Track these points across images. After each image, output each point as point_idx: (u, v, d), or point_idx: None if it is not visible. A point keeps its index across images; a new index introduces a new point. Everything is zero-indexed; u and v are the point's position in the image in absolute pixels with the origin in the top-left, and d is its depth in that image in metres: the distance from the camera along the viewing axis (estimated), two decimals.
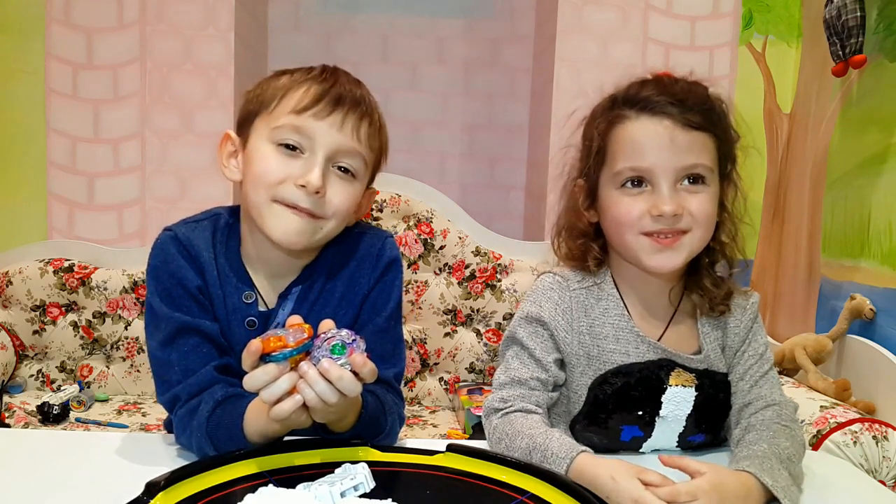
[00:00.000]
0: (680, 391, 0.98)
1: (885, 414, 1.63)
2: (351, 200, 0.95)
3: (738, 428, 0.98)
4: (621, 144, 0.96)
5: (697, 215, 0.94)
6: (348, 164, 0.94)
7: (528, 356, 1.00)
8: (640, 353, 0.99)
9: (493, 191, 2.65)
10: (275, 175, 0.91)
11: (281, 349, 0.77)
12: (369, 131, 0.95)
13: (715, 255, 1.02)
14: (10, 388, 2.09)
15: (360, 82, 0.99)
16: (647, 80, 1.00)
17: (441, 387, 2.21)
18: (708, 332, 1.02)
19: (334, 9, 2.61)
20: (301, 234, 0.93)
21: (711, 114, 0.97)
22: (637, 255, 0.96)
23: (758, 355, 1.02)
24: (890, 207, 1.79)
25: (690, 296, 1.03)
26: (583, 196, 1.02)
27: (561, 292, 1.02)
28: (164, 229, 1.01)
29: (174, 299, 0.96)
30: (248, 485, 0.78)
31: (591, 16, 2.27)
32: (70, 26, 2.23)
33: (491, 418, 0.98)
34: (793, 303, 2.24)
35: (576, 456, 0.84)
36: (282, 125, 0.92)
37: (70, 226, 2.28)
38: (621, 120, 0.97)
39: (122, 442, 0.96)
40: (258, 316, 0.99)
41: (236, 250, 1.00)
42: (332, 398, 0.78)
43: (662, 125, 0.94)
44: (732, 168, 1.02)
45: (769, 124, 2.37)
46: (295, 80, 0.95)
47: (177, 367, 0.94)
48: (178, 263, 0.96)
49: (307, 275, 1.00)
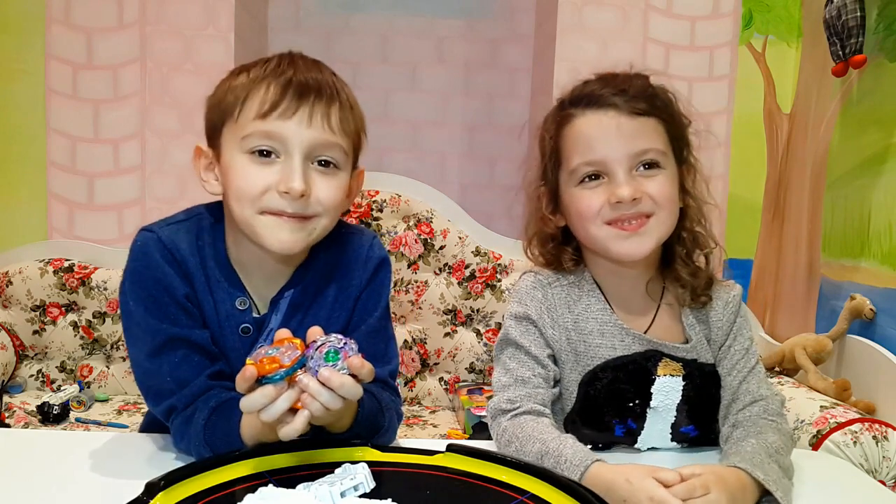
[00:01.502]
0: (668, 381, 0.99)
1: (885, 414, 1.63)
2: (338, 193, 0.93)
3: (727, 425, 0.99)
4: (572, 142, 0.99)
5: (658, 197, 0.95)
6: (327, 157, 0.91)
7: (524, 354, 1.00)
8: (627, 346, 1.00)
9: (493, 191, 2.65)
10: (256, 187, 0.88)
11: (276, 370, 0.75)
12: (340, 116, 0.91)
13: (687, 244, 1.02)
14: (10, 388, 2.10)
15: (320, 63, 0.95)
16: (589, 79, 1.03)
17: (441, 387, 2.21)
18: (693, 323, 1.03)
19: (334, 9, 2.60)
20: (295, 239, 0.91)
21: (655, 99, 0.99)
22: (604, 245, 0.97)
23: (744, 350, 1.03)
24: (890, 207, 1.79)
25: (671, 288, 1.03)
26: (546, 201, 1.04)
27: (543, 290, 1.03)
28: (142, 229, 0.95)
29: (160, 307, 0.92)
30: (248, 485, 0.77)
31: (591, 16, 2.27)
32: (70, 26, 2.23)
33: (499, 420, 0.97)
34: (793, 303, 2.24)
35: (591, 465, 0.84)
36: (250, 133, 0.89)
37: (70, 226, 2.28)
38: (569, 119, 1.00)
39: (122, 442, 0.96)
40: (252, 322, 0.97)
41: (224, 254, 0.97)
42: (337, 405, 0.77)
43: (608, 116, 0.96)
44: (689, 152, 1.03)
45: (769, 124, 2.37)
46: (253, 79, 0.91)
47: (169, 378, 0.91)
48: (163, 270, 0.92)
49: (298, 279, 0.98)
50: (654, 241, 0.97)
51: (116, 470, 0.88)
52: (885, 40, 1.84)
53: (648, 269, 1.03)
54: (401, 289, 2.19)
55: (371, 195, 2.19)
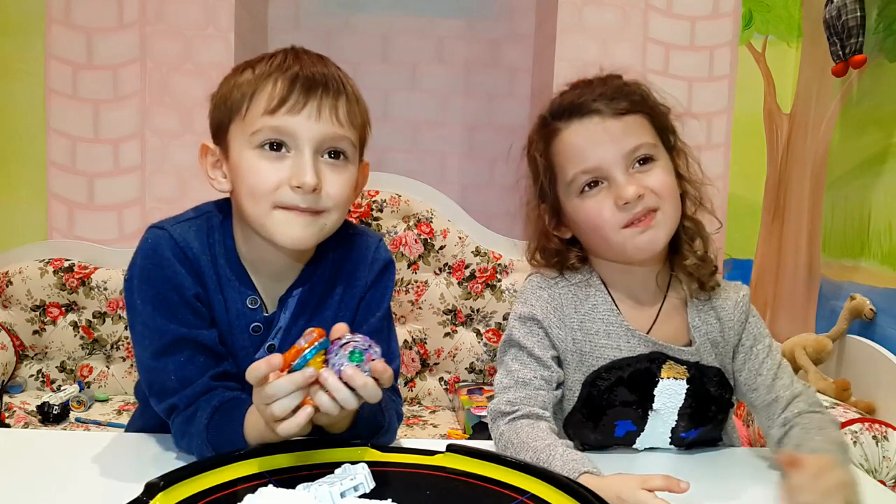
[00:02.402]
0: (672, 384, 0.99)
1: (885, 414, 1.63)
2: (348, 186, 0.93)
3: (776, 426, 1.00)
4: (564, 155, 0.99)
5: (659, 189, 0.96)
6: (338, 149, 0.92)
7: (527, 356, 1.00)
8: (632, 348, 0.99)
9: (493, 191, 2.65)
10: (268, 183, 0.88)
11: (298, 355, 0.76)
12: (347, 108, 0.92)
13: (690, 230, 1.03)
14: (10, 388, 2.10)
15: (324, 57, 0.95)
16: (564, 90, 1.03)
17: (441, 387, 2.21)
18: (698, 325, 1.02)
19: (334, 9, 2.61)
20: (307, 234, 0.91)
21: (633, 95, 0.99)
22: (622, 247, 0.97)
23: (767, 348, 1.04)
24: (890, 207, 1.79)
25: (678, 279, 1.04)
26: (548, 217, 1.04)
27: (550, 290, 1.02)
28: (151, 227, 0.95)
29: (169, 307, 0.91)
30: (248, 485, 0.77)
31: (591, 16, 2.27)
32: (70, 26, 2.23)
33: (498, 423, 0.97)
34: (793, 303, 2.24)
35: (577, 477, 0.83)
36: (259, 129, 0.89)
37: (70, 226, 2.28)
38: (556, 133, 1.00)
39: (122, 442, 0.96)
40: (262, 321, 0.97)
41: (235, 252, 0.97)
42: (353, 406, 0.77)
43: (593, 122, 0.97)
44: (675, 138, 1.03)
45: (769, 124, 2.37)
46: (259, 75, 0.91)
47: (173, 377, 0.91)
48: (175, 269, 0.92)
49: (306, 277, 0.99)
50: (666, 232, 0.97)
51: (116, 470, 0.88)
52: (885, 40, 1.84)
53: (657, 262, 1.03)
54: (401, 289, 2.19)
55: (371, 195, 2.19)
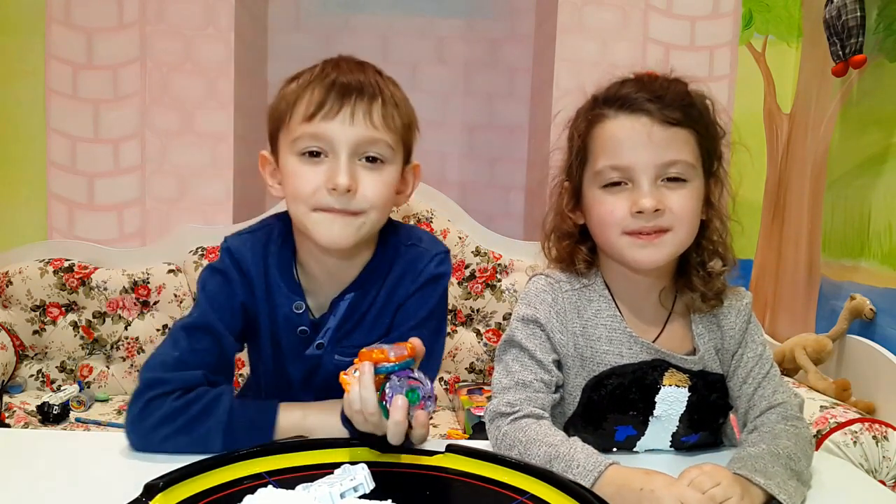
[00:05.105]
0: (673, 391, 0.99)
1: (885, 414, 1.63)
2: (386, 188, 0.97)
3: (745, 431, 0.99)
4: (601, 143, 0.97)
5: (679, 212, 0.93)
6: (374, 153, 0.96)
7: (528, 358, 0.99)
8: (634, 354, 0.99)
9: (493, 191, 2.65)
10: (307, 186, 0.94)
11: (382, 362, 0.82)
12: (383, 112, 0.96)
13: (704, 255, 1.01)
14: (10, 388, 2.10)
15: (365, 64, 1.00)
16: (627, 79, 0.99)
17: (441, 387, 2.21)
18: (702, 332, 1.02)
19: (334, 9, 2.61)
20: (345, 234, 0.95)
21: (691, 109, 0.96)
22: (621, 252, 0.96)
23: (757, 356, 1.02)
24: (890, 207, 1.79)
25: (682, 295, 1.03)
26: (567, 197, 1.03)
27: (554, 294, 1.02)
28: (224, 238, 1.06)
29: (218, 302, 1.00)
30: (248, 486, 0.77)
31: (591, 16, 2.27)
32: (70, 26, 2.23)
33: (498, 423, 0.96)
34: (793, 303, 2.24)
35: (605, 469, 0.84)
36: (299, 136, 0.95)
37: (70, 226, 2.28)
38: (601, 119, 0.97)
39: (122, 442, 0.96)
40: (308, 324, 1.03)
41: (289, 260, 1.03)
42: (397, 441, 0.83)
43: (640, 122, 0.94)
44: (719, 165, 1.00)
45: (769, 124, 2.37)
46: (300, 85, 0.97)
47: (177, 353, 0.96)
48: (231, 276, 1.01)
49: (360, 283, 1.03)
50: (668, 252, 0.95)
51: (116, 470, 0.88)
52: (885, 40, 1.84)
53: (662, 278, 1.02)
54: None
55: None
